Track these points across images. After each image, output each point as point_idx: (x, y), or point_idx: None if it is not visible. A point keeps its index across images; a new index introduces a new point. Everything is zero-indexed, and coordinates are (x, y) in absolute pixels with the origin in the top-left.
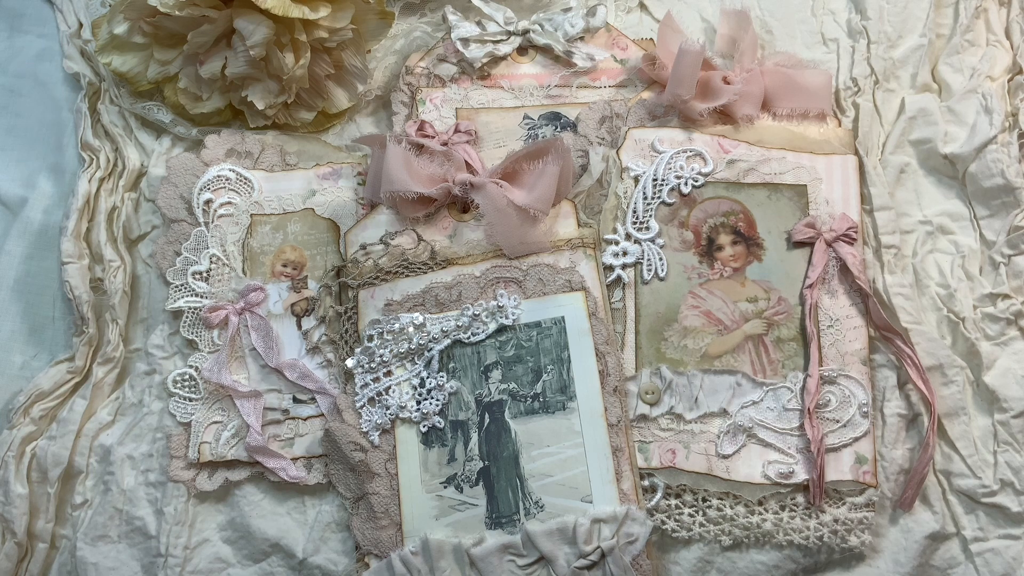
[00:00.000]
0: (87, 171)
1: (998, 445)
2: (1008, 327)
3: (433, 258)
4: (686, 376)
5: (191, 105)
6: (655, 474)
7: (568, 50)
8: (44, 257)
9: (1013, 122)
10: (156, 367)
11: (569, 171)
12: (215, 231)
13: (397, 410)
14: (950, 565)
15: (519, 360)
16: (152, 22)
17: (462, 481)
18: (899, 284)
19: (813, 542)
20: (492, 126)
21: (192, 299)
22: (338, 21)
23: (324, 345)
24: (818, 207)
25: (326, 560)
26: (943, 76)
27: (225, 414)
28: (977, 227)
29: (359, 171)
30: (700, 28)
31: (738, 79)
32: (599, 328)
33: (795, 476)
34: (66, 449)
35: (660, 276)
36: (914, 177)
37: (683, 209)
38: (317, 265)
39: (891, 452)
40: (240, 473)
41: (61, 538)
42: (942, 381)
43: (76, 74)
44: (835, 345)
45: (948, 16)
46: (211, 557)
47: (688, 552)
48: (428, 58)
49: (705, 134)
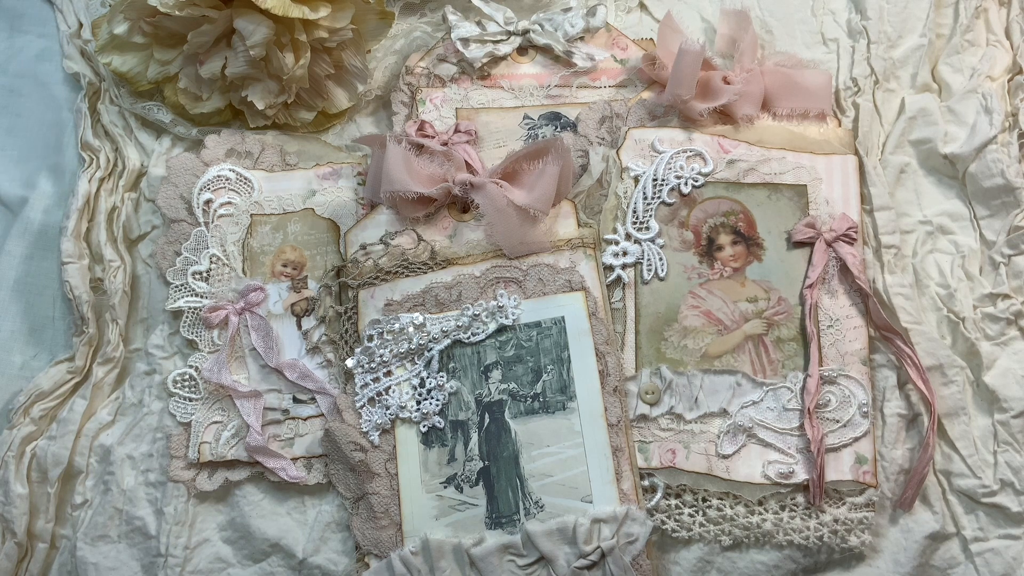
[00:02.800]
0: (87, 171)
1: (998, 445)
2: (1008, 327)
3: (433, 258)
4: (686, 376)
5: (191, 105)
6: (655, 474)
7: (568, 50)
8: (44, 257)
9: (1013, 122)
10: (156, 367)
11: (569, 171)
12: (215, 231)
13: (397, 410)
14: (950, 565)
15: (519, 360)
16: (152, 22)
17: (462, 481)
18: (899, 284)
19: (813, 542)
20: (492, 126)
21: (192, 299)
22: (338, 21)
23: (324, 345)
24: (818, 207)
25: (326, 560)
26: (943, 76)
27: (225, 414)
28: (977, 227)
29: (359, 171)
30: (700, 28)
31: (738, 79)
32: (599, 328)
33: (795, 476)
34: (66, 449)
35: (660, 276)
36: (914, 177)
37: (683, 209)
38: (317, 265)
39: (891, 452)
40: (240, 473)
41: (61, 538)
42: (942, 381)
43: (76, 74)
44: (835, 345)
45: (948, 16)
46: (211, 557)
47: (688, 552)
48: (428, 58)
49: (705, 134)
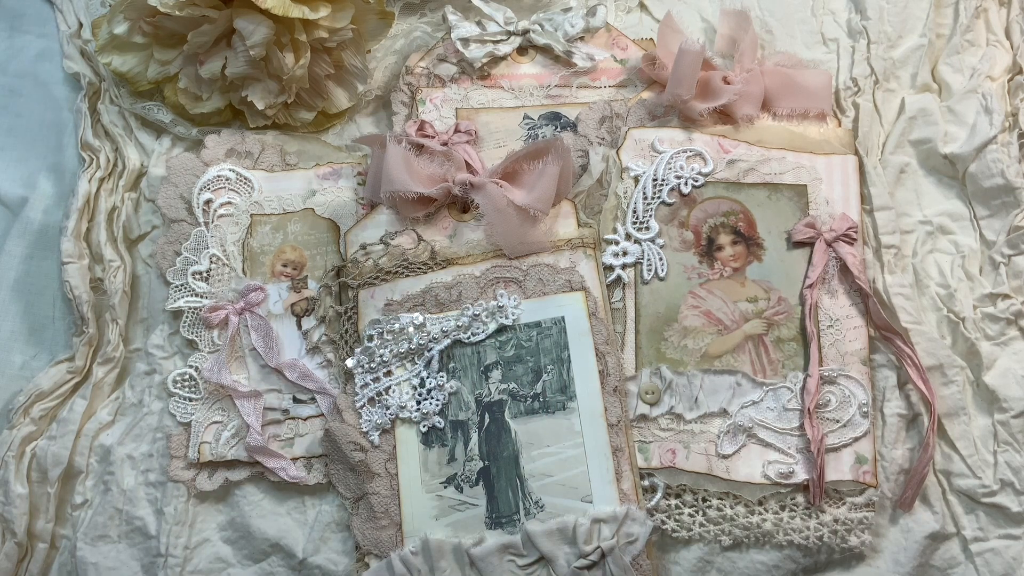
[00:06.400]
0: (87, 171)
1: (998, 445)
2: (1008, 327)
3: (433, 258)
4: (686, 376)
5: (191, 105)
6: (655, 474)
7: (568, 50)
8: (44, 257)
9: (1013, 122)
10: (156, 367)
11: (569, 171)
12: (215, 231)
13: (397, 410)
14: (950, 565)
15: (519, 360)
16: (152, 22)
17: (462, 481)
18: (899, 284)
19: (813, 542)
20: (492, 126)
21: (192, 299)
22: (338, 21)
23: (324, 345)
24: (818, 207)
25: (326, 560)
26: (943, 76)
27: (225, 414)
28: (977, 227)
29: (359, 171)
30: (700, 28)
31: (738, 79)
32: (599, 328)
33: (795, 476)
34: (66, 449)
35: (660, 276)
36: (914, 177)
37: (683, 209)
38: (317, 265)
39: (891, 452)
40: (240, 473)
41: (61, 538)
42: (942, 381)
43: (76, 74)
44: (835, 345)
45: (948, 16)
46: (211, 557)
47: (688, 552)
48: (428, 58)
49: (705, 134)
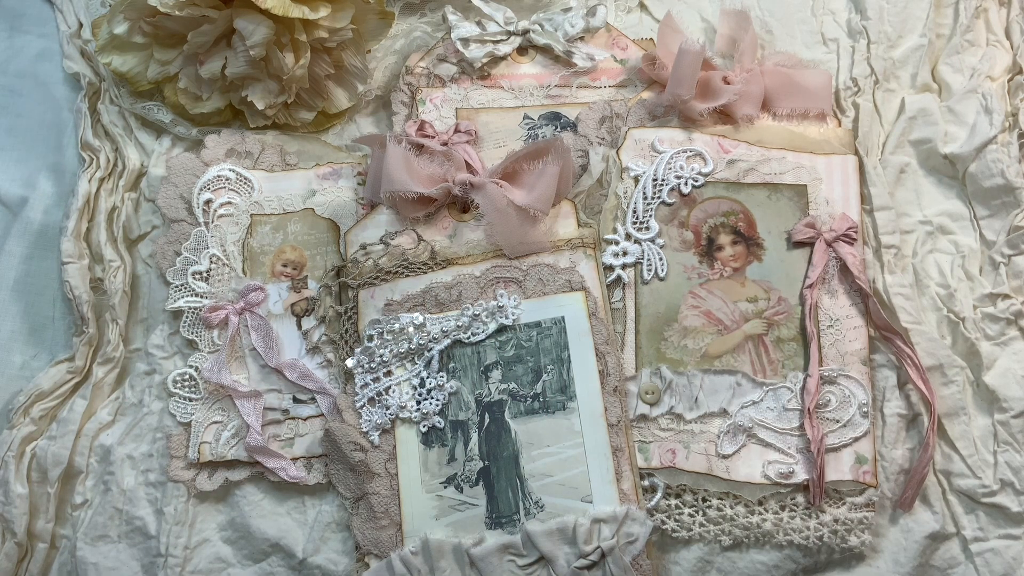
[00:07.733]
0: (87, 171)
1: (998, 445)
2: (1008, 327)
3: (433, 258)
4: (686, 376)
5: (191, 105)
6: (655, 474)
7: (568, 50)
8: (44, 257)
9: (1013, 122)
10: (156, 367)
11: (569, 171)
12: (215, 231)
13: (397, 410)
14: (950, 565)
15: (519, 360)
16: (152, 22)
17: (462, 481)
18: (899, 284)
19: (813, 542)
20: (492, 126)
21: (192, 299)
22: (338, 21)
23: (324, 345)
24: (818, 207)
25: (326, 560)
26: (943, 76)
27: (225, 414)
28: (977, 227)
29: (359, 171)
30: (700, 28)
31: (738, 79)
32: (599, 328)
33: (795, 476)
34: (66, 449)
35: (660, 276)
36: (914, 177)
37: (683, 209)
38: (317, 265)
39: (891, 452)
40: (240, 473)
41: (61, 538)
42: (942, 381)
43: (76, 74)
44: (835, 345)
45: (948, 16)
46: (211, 557)
47: (688, 552)
48: (428, 58)
49: (705, 134)
